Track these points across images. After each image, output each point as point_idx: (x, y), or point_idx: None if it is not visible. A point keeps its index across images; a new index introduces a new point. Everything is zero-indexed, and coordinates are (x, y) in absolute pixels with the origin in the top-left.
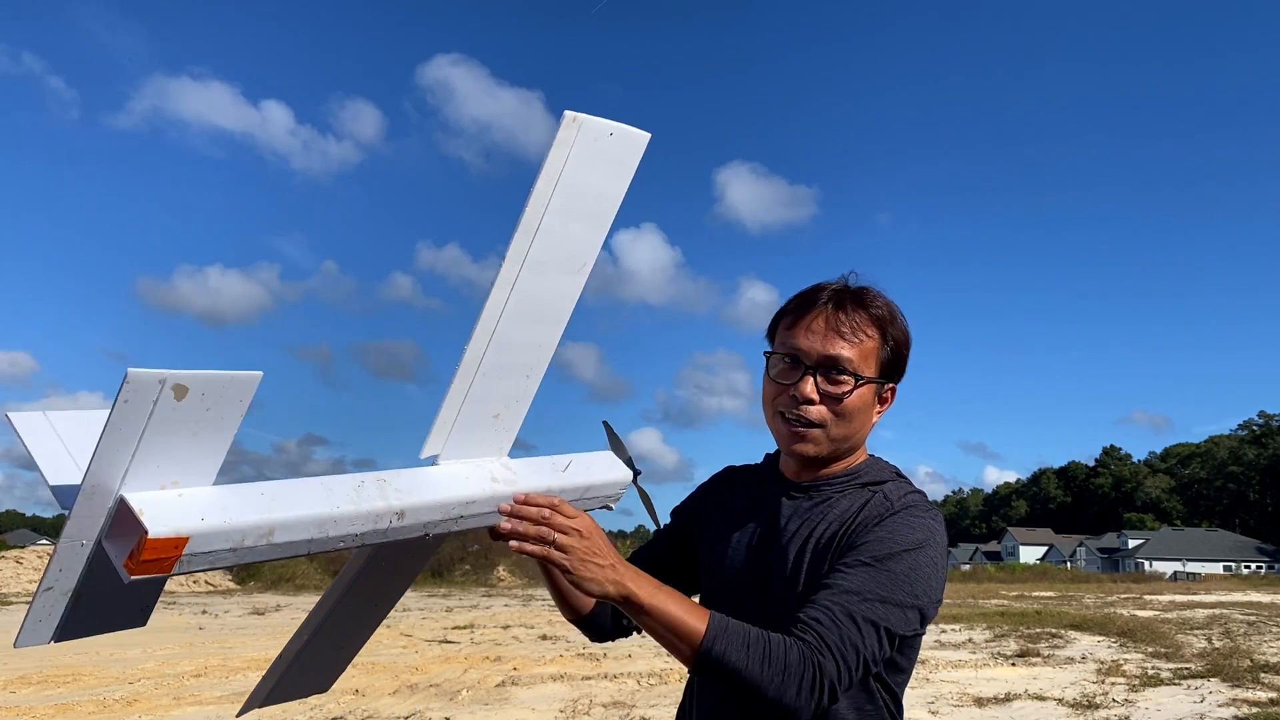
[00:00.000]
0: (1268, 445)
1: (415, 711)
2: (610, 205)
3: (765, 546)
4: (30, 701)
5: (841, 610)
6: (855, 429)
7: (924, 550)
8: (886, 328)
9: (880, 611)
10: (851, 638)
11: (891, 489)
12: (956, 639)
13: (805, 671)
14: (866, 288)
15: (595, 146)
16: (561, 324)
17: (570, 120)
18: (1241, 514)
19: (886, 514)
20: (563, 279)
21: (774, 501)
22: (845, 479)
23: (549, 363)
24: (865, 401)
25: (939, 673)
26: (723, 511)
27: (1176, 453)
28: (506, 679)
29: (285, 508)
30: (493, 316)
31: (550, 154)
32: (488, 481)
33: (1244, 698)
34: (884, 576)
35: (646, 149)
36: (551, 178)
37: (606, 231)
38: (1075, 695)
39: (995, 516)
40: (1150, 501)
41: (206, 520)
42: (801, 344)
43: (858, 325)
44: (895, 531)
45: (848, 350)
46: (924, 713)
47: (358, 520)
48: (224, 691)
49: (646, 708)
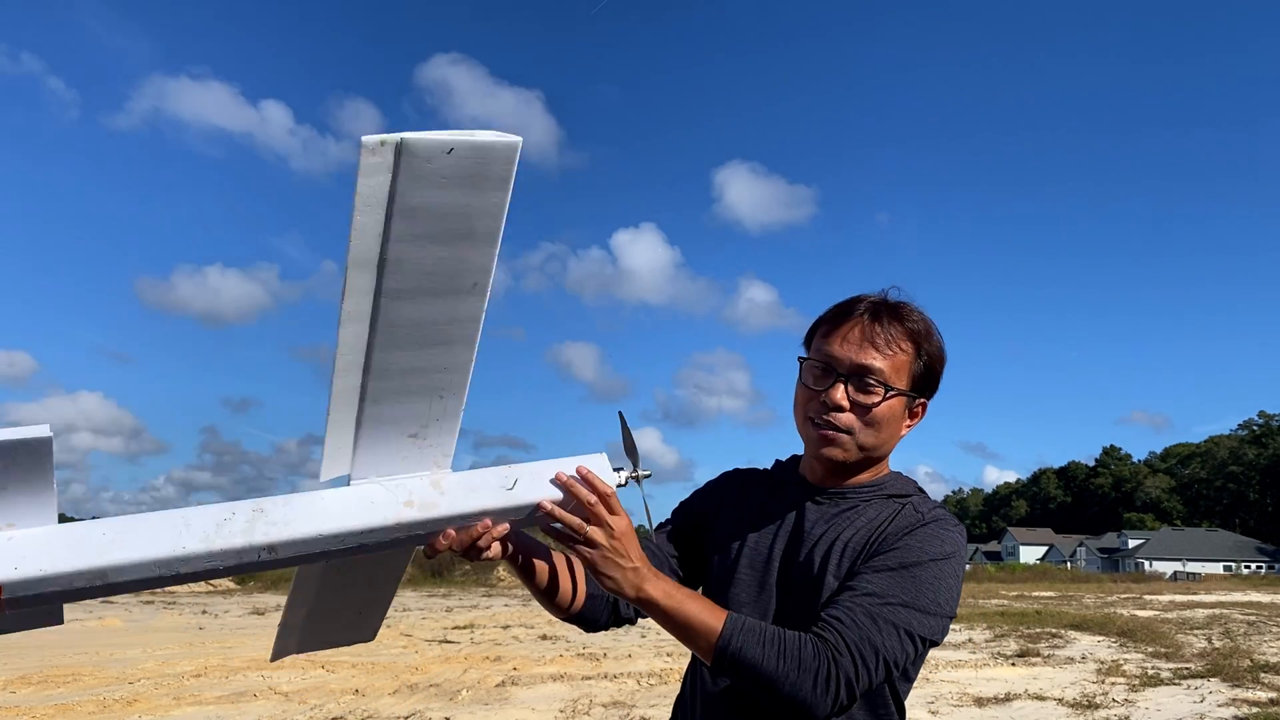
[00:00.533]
0: (1268, 445)
1: (415, 711)
2: (488, 221)
3: (789, 549)
4: (30, 701)
5: (863, 611)
6: (884, 439)
7: (950, 562)
8: (921, 343)
9: (903, 615)
10: (872, 638)
11: (919, 502)
12: (956, 639)
13: (821, 667)
14: (905, 302)
15: (430, 167)
16: (469, 344)
17: (373, 147)
18: (1241, 514)
19: (917, 525)
20: (449, 302)
21: (797, 505)
22: (871, 489)
23: (467, 382)
24: (895, 413)
25: (939, 673)
26: (735, 513)
27: (1176, 453)
28: (506, 679)
29: (124, 550)
30: (353, 349)
31: (359, 183)
32: (398, 506)
33: (1244, 698)
34: (909, 582)
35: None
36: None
37: (494, 247)
38: (1075, 695)
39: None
40: (1150, 501)
41: (19, 570)
42: (836, 352)
43: (893, 338)
44: (925, 541)
45: (880, 361)
46: (924, 713)
47: (215, 557)
48: (224, 691)
49: (646, 708)
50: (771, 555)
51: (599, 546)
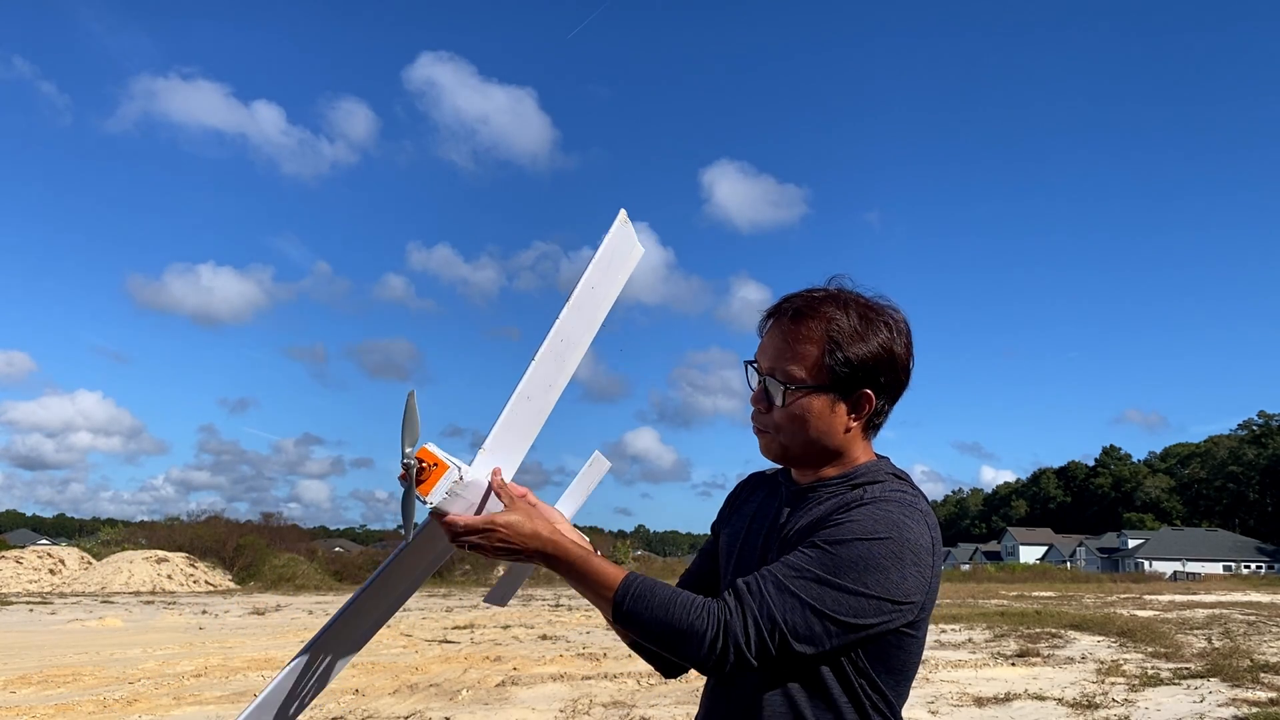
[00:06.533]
0: (1268, 445)
1: (415, 711)
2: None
3: (766, 546)
4: (30, 701)
5: (771, 580)
6: (810, 436)
7: (883, 543)
8: (836, 337)
9: (815, 591)
10: (772, 606)
11: (878, 489)
12: (956, 639)
13: (709, 628)
14: (828, 297)
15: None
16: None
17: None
18: (1241, 514)
19: (855, 504)
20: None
21: (780, 505)
22: (839, 481)
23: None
24: (811, 410)
25: (939, 673)
26: (739, 517)
27: (1176, 453)
28: (506, 679)
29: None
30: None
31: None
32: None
33: (1244, 698)
34: (827, 558)
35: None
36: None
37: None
38: (1075, 695)
39: (995, 516)
40: (1150, 501)
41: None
42: (758, 354)
43: (803, 336)
44: (859, 520)
45: (786, 361)
46: (924, 712)
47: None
48: (224, 691)
49: (646, 708)
50: (756, 554)
51: (481, 549)
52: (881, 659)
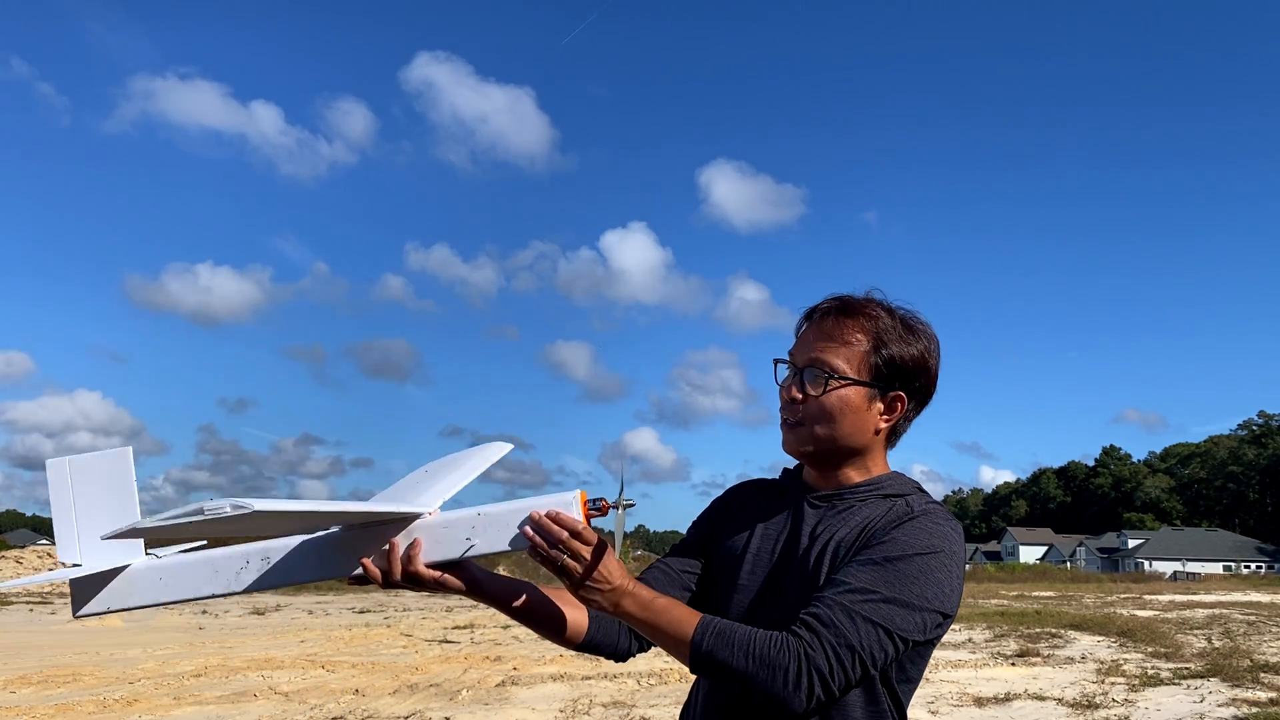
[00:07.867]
0: (1268, 445)
1: (415, 711)
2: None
3: (787, 552)
4: (30, 701)
5: (841, 607)
6: (843, 431)
7: (938, 556)
8: (882, 335)
9: (884, 611)
10: (848, 635)
11: (915, 500)
12: (956, 639)
13: (792, 665)
14: (871, 299)
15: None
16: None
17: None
18: (1241, 514)
19: (905, 518)
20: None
21: (795, 510)
22: (868, 489)
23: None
24: (850, 404)
25: (939, 673)
26: (739, 522)
27: (1176, 453)
28: (506, 679)
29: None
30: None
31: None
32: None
33: (1244, 698)
34: (891, 576)
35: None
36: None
37: None
38: (1075, 695)
39: (995, 516)
40: (1150, 501)
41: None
42: (794, 349)
43: (847, 330)
44: (912, 535)
45: (830, 354)
46: (924, 713)
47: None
48: (224, 691)
49: (646, 708)
50: (772, 560)
51: (575, 575)
52: (902, 665)
